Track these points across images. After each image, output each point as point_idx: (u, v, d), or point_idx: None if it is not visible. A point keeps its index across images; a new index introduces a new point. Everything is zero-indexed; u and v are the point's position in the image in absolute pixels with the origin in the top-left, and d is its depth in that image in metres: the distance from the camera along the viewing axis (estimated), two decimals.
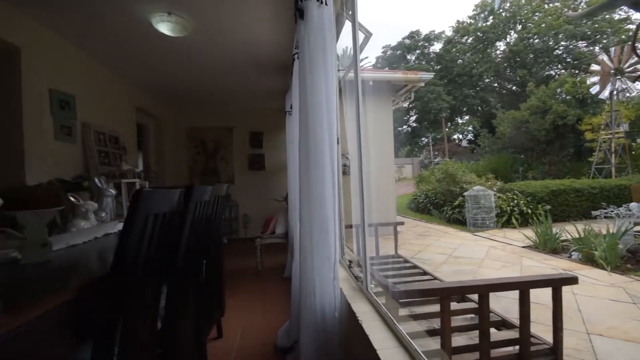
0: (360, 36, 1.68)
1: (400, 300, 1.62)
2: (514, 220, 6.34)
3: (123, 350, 0.79)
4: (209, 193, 1.47)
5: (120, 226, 1.67)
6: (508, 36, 21.25)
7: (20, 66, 2.24)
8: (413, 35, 25.04)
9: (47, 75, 2.50)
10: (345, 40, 2.27)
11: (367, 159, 1.55)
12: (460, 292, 1.83)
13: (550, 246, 4.41)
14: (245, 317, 2.42)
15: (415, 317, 1.78)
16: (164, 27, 2.37)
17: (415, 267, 2.71)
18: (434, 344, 1.35)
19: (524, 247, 4.72)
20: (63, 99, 2.60)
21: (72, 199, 1.40)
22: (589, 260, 3.75)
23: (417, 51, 24.95)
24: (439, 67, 22.44)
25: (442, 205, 7.97)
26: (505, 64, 20.84)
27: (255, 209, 5.59)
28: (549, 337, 1.42)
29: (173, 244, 1.14)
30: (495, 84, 22.03)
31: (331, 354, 1.39)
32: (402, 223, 3.95)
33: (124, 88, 3.80)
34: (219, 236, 2.04)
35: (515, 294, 1.34)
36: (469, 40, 22.52)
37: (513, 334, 1.50)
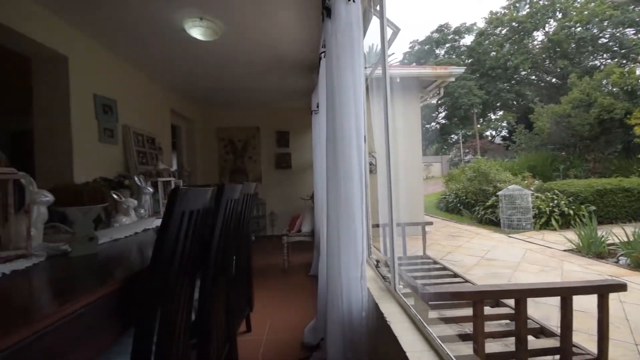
0: (388, 32, 1.65)
1: (430, 303, 1.58)
2: (553, 222, 5.94)
3: (161, 338, 0.84)
4: (238, 191, 1.52)
5: (157, 222, 1.76)
6: (547, 25, 19.85)
7: (68, 74, 2.43)
8: (442, 28, 24.15)
9: (92, 81, 2.69)
10: (371, 37, 2.24)
11: (394, 157, 1.52)
12: (495, 296, 1.75)
13: (594, 250, 4.09)
14: (272, 313, 2.48)
15: (446, 320, 1.72)
16: (196, 32, 2.47)
17: (444, 268, 2.62)
18: (466, 349, 1.30)
19: (565, 250, 4.41)
20: (106, 103, 2.79)
21: (115, 196, 1.51)
22: (639, 266, 3.44)
23: (447, 45, 24.03)
24: (470, 60, 21.46)
25: (473, 205, 7.64)
26: (544, 55, 19.48)
27: (281, 207, 5.69)
28: (592, 347, 1.32)
29: (206, 240, 1.18)
30: (533, 77, 20.66)
31: (358, 353, 1.38)
32: (430, 223, 3.83)
33: (160, 91, 4.01)
34: (247, 233, 2.10)
35: (555, 301, 1.26)
36: (504, 32, 21.31)
37: (553, 343, 1.41)
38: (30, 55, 2.39)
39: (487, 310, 1.83)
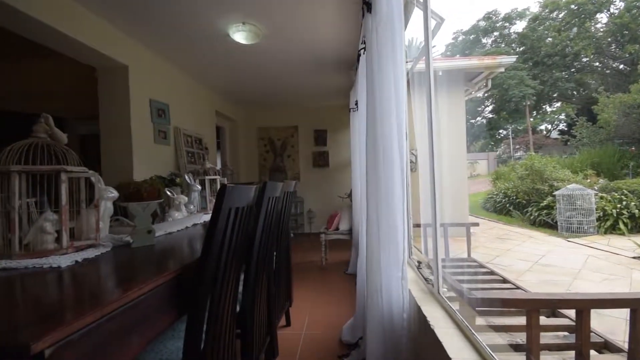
0: (432, 23, 1.58)
1: (477, 309, 1.49)
2: (621, 225, 5.27)
3: (210, 326, 0.90)
4: (279, 189, 1.56)
5: (204, 217, 1.88)
6: (612, 6, 17.55)
7: (128, 81, 2.67)
8: (490, 15, 22.51)
9: (148, 87, 2.94)
10: (410, 30, 2.16)
11: (437, 155, 1.46)
12: (552, 305, 1.60)
13: None
14: (310, 309, 2.51)
15: (495, 328, 1.61)
16: (240, 37, 2.57)
17: (492, 273, 2.46)
18: None
19: (635, 257, 3.90)
20: (160, 107, 3.03)
21: (168, 193, 1.63)
22: None
23: (495, 33, 22.34)
24: (522, 48, 19.74)
25: (525, 206, 7.05)
26: (610, 39, 17.27)
27: (319, 205, 5.74)
28: None
29: (250, 236, 1.23)
30: (597, 63, 18.42)
31: (398, 355, 1.35)
32: (476, 224, 3.62)
33: (206, 94, 4.26)
34: (287, 230, 2.15)
35: (620, 313, 1.12)
36: (561, 15, 19.27)
37: (619, 359, 1.26)
38: (96, 65, 2.66)
39: (543, 320, 1.68)
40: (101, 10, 2.30)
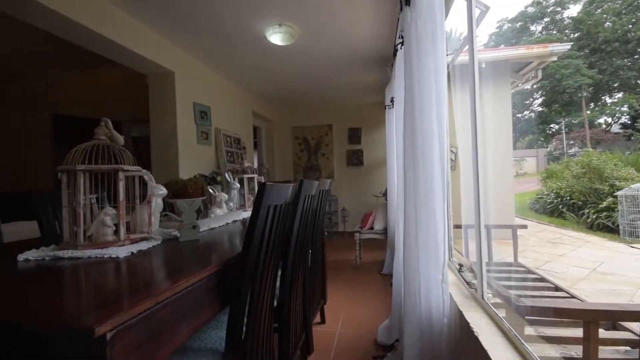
0: (475, 12, 1.49)
1: (527, 317, 1.39)
2: None
3: (250, 317, 0.93)
4: (315, 187, 1.57)
5: (243, 214, 1.95)
6: None
7: (175, 86, 2.86)
8: (539, 1, 20.75)
9: (192, 91, 3.12)
10: (450, 20, 2.06)
11: (481, 152, 1.37)
12: (613, 317, 1.44)
13: None
14: (345, 307, 2.51)
15: (547, 339, 1.49)
16: (276, 38, 2.63)
17: (542, 279, 2.27)
18: None
19: None
20: (202, 109, 3.20)
21: (210, 191, 1.72)
22: None
23: (545, 19, 20.50)
24: (576, 35, 17.91)
25: (581, 207, 6.41)
26: None
27: (353, 204, 5.71)
28: None
29: (287, 233, 1.26)
30: None
31: None
32: (524, 226, 3.36)
33: (243, 96, 4.42)
34: (322, 228, 2.16)
35: None
36: None
37: None
38: (147, 73, 2.88)
39: (602, 333, 1.52)
40: (152, 22, 2.48)
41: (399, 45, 1.79)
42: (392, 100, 2.78)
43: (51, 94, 4.47)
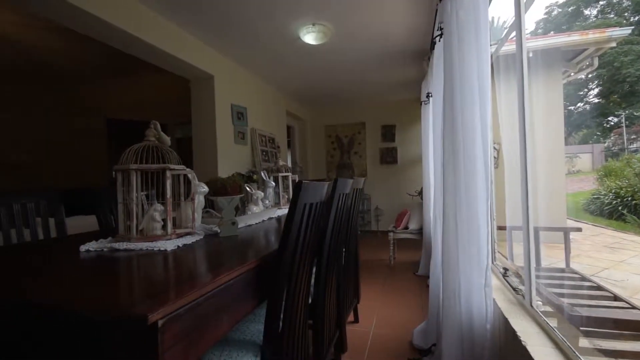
0: None
1: (582, 328, 1.27)
2: None
3: (287, 312, 0.95)
4: (349, 186, 1.56)
5: (278, 212, 1.99)
6: None
7: (214, 88, 2.99)
8: None
9: (230, 93, 3.24)
10: (492, 7, 1.93)
11: (530, 148, 1.27)
12: None
13: None
14: (379, 308, 2.47)
15: (604, 353, 1.35)
16: (310, 38, 2.65)
17: (599, 287, 2.06)
18: None
19: None
20: (239, 110, 3.32)
21: (247, 188, 1.78)
22: None
23: (602, 2, 18.55)
24: (637, 18, 15.94)
25: None
26: None
27: (387, 203, 5.60)
28: None
29: (321, 231, 1.26)
30: None
31: None
32: (578, 229, 3.08)
33: (278, 96, 4.51)
34: (355, 227, 2.14)
35: None
36: None
37: None
38: (190, 77, 3.05)
39: None
40: (193, 29, 2.62)
41: (437, 38, 1.71)
42: (427, 96, 2.68)
43: (105, 100, 4.90)
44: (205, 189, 1.28)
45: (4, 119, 4.49)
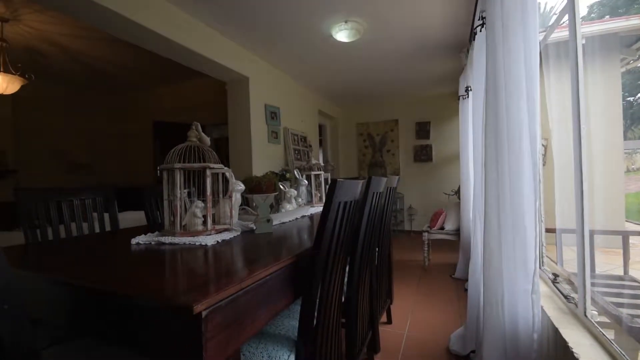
0: None
1: None
2: None
3: (321, 308, 0.96)
4: (383, 184, 1.53)
5: (311, 210, 2.01)
6: None
7: (249, 90, 3.09)
8: None
9: (263, 94, 3.33)
10: None
11: (585, 144, 1.16)
12: None
13: None
14: (413, 310, 2.40)
15: None
16: (342, 35, 2.64)
17: None
18: None
19: None
20: (272, 110, 3.40)
21: (281, 187, 1.82)
22: None
23: None
24: None
25: None
26: None
27: (420, 202, 5.43)
28: None
29: (355, 230, 1.26)
30: None
31: None
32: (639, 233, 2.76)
33: (309, 95, 4.55)
34: (389, 226, 2.10)
35: None
36: None
37: None
38: (226, 79, 3.17)
39: None
40: (230, 32, 2.72)
41: (478, 28, 1.62)
42: (466, 90, 2.55)
43: (151, 104, 5.27)
44: (241, 187, 1.33)
45: (69, 123, 5.01)
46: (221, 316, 0.63)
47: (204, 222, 1.18)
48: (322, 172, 2.40)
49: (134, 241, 1.12)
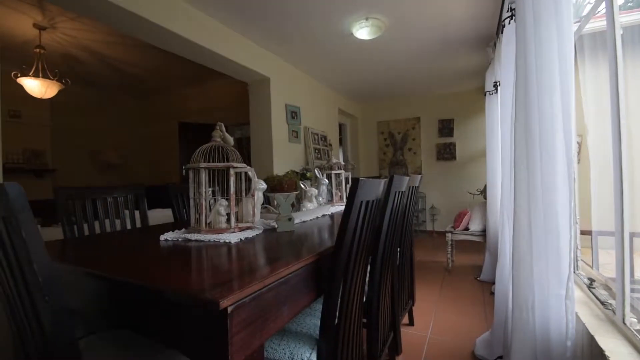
0: None
1: None
2: None
3: (342, 307, 0.96)
4: (405, 183, 1.50)
5: (332, 209, 2.01)
6: None
7: (270, 90, 3.13)
8: None
9: (284, 94, 3.36)
10: None
11: (625, 140, 1.09)
12: None
13: None
14: (436, 312, 2.35)
15: None
16: (363, 33, 2.61)
17: None
18: None
19: None
20: (293, 110, 3.42)
21: (302, 186, 1.83)
22: None
23: None
24: None
25: None
26: None
27: (443, 202, 5.28)
28: None
29: (377, 229, 1.24)
30: None
31: None
32: None
33: (330, 94, 4.54)
34: (411, 226, 2.06)
35: None
36: None
37: None
38: (248, 80, 3.23)
39: None
40: (251, 34, 2.77)
41: (507, 20, 1.55)
42: (494, 85, 2.45)
43: (177, 106, 5.46)
44: (264, 185, 1.35)
45: (101, 125, 5.30)
46: (246, 312, 0.64)
47: (228, 220, 1.21)
48: (342, 171, 2.39)
49: (162, 237, 1.17)
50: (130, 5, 1.91)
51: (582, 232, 1.74)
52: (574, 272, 1.57)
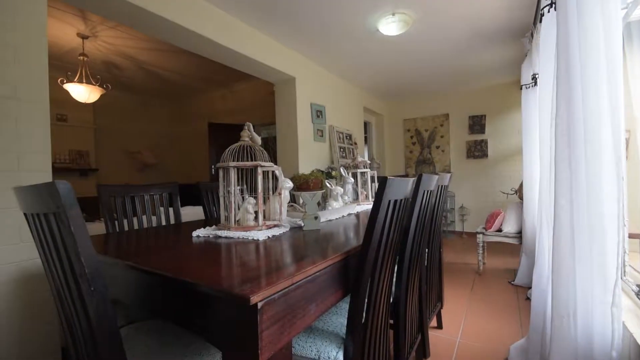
0: None
1: None
2: None
3: (369, 307, 0.95)
4: (434, 182, 1.46)
5: (357, 208, 2.00)
6: None
7: (295, 90, 3.16)
8: None
9: (309, 93, 3.38)
10: None
11: None
12: None
13: None
14: (466, 316, 2.26)
15: None
16: (389, 29, 2.57)
17: None
18: None
19: None
20: (318, 109, 3.44)
21: (328, 184, 1.83)
22: None
23: None
24: None
25: None
26: None
27: (473, 202, 5.07)
28: None
29: (404, 229, 1.22)
30: None
31: None
32: None
33: (355, 92, 4.51)
34: (439, 227, 2.00)
35: None
36: None
37: None
38: (274, 81, 3.28)
39: None
40: (277, 34, 2.81)
41: (547, 8, 1.45)
42: (534, 78, 2.31)
43: (207, 107, 5.67)
44: (290, 184, 1.37)
45: (138, 127, 5.63)
46: (275, 308, 0.66)
47: (256, 218, 1.24)
48: (367, 170, 2.37)
49: (194, 234, 1.22)
50: (166, 13, 2.01)
51: (631, 236, 1.60)
52: (621, 278, 1.45)
